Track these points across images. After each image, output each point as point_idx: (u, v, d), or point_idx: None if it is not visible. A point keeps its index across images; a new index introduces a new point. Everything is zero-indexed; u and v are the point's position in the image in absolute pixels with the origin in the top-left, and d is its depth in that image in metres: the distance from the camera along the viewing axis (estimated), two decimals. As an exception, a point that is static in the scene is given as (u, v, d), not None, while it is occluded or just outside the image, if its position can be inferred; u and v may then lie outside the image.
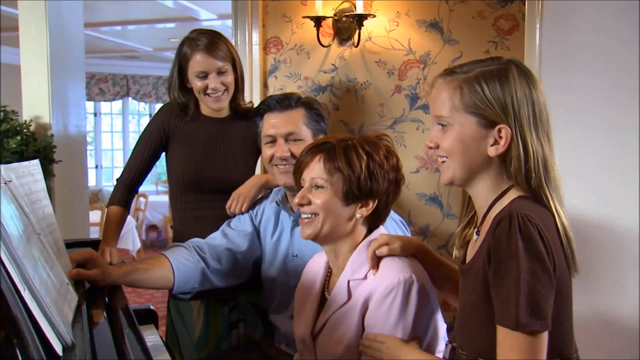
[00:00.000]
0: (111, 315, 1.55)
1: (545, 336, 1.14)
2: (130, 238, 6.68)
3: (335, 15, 2.69)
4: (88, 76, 9.58)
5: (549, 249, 1.15)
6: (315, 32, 2.64)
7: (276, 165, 1.98)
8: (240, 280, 2.09)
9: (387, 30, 2.69)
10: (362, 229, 1.58)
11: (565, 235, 1.23)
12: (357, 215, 1.54)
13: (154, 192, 9.04)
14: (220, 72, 2.12)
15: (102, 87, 9.51)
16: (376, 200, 1.54)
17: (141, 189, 2.41)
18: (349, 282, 1.55)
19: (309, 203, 1.55)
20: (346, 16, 2.65)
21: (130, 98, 9.75)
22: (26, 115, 3.15)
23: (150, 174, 2.45)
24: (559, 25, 2.10)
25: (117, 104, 9.98)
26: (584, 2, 2.08)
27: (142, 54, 8.52)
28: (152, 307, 2.22)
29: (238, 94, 2.22)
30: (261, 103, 2.08)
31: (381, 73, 2.72)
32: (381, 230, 1.62)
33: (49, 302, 1.14)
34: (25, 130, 3.03)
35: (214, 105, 2.16)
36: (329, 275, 1.67)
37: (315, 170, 1.55)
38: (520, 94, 1.22)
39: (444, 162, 1.30)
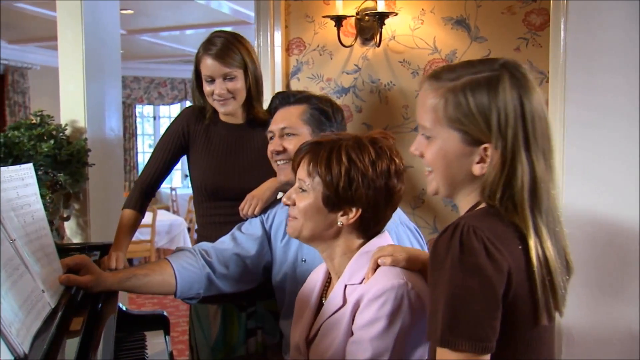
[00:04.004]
0: (94, 323, 1.52)
1: None
2: (182, 239, 6.77)
3: (357, 14, 2.60)
4: (147, 80, 9.84)
5: (497, 264, 1.04)
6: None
7: (275, 161, 1.95)
8: (250, 285, 2.04)
9: (412, 28, 2.58)
10: (351, 237, 1.50)
11: (542, 265, 1.10)
12: (339, 223, 1.46)
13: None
14: (226, 78, 2.07)
15: (161, 91, 9.76)
16: (360, 209, 1.44)
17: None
18: (345, 286, 1.47)
19: (294, 204, 1.50)
20: (368, 14, 2.55)
21: (187, 101, 9.95)
22: (63, 118, 3.21)
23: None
24: (584, 24, 1.96)
25: (176, 108, 10.20)
26: (610, 1, 1.94)
27: (199, 58, 8.63)
28: (164, 313, 2.20)
29: (253, 100, 2.16)
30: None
31: (405, 73, 2.61)
32: (387, 239, 1.52)
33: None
34: (60, 134, 3.08)
35: (220, 110, 2.13)
36: (328, 281, 1.60)
37: (301, 171, 1.49)
38: (510, 108, 1.10)
39: (429, 172, 1.23)
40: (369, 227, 1.49)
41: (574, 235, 2.03)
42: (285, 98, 1.96)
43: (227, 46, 2.07)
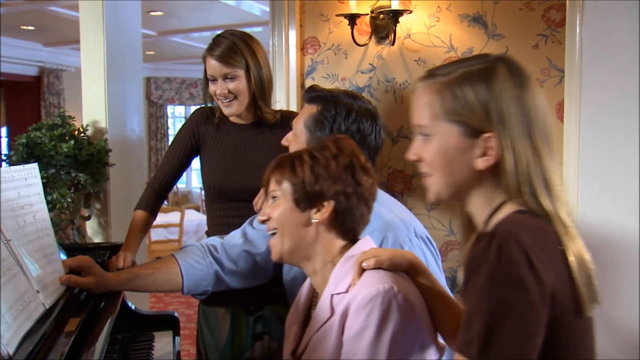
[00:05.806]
0: (90, 325, 1.52)
1: None
2: (210, 239, 6.80)
3: (372, 12, 2.56)
4: (179, 81, 9.95)
5: (539, 276, 0.96)
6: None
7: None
8: (260, 281, 2.01)
9: (427, 26, 2.52)
10: (330, 237, 1.47)
11: (577, 259, 1.03)
12: (313, 221, 1.45)
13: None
14: (227, 78, 2.06)
15: (192, 91, 9.85)
16: (332, 202, 1.43)
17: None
18: (332, 296, 1.43)
19: (269, 218, 1.50)
20: (382, 13, 2.51)
21: (218, 102, 10.00)
22: (85, 119, 3.25)
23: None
24: (600, 21, 1.89)
25: (207, 108, 10.26)
26: (625, 1, 1.86)
27: (229, 58, 8.65)
28: (175, 314, 2.20)
29: (258, 101, 2.13)
30: None
31: (421, 72, 2.50)
32: (370, 244, 1.49)
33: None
34: (81, 135, 3.12)
35: (225, 111, 2.12)
36: (315, 295, 1.56)
37: (271, 185, 1.52)
38: (509, 97, 1.06)
39: (427, 177, 1.17)
40: (345, 222, 1.46)
41: (590, 236, 1.96)
42: (305, 94, 1.91)
43: (230, 47, 2.06)
